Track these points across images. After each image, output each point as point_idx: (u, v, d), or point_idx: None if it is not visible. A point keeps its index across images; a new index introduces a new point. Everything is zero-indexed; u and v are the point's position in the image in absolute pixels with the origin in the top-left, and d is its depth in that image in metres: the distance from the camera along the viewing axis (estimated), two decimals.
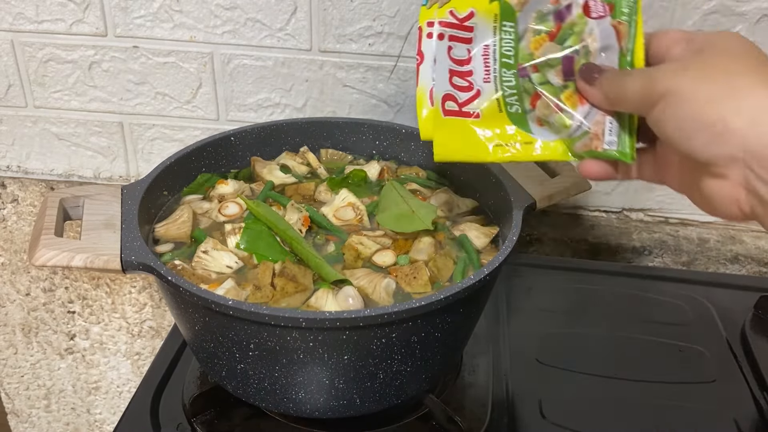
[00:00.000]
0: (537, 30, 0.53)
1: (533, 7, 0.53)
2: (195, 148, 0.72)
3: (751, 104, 0.39)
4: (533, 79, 0.53)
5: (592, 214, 0.93)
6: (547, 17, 0.53)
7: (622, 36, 0.49)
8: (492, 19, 0.54)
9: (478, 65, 0.54)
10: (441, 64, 0.55)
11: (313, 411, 0.60)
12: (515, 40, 0.54)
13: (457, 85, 0.55)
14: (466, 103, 0.55)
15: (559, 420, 0.66)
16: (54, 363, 1.18)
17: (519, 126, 0.54)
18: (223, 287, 0.58)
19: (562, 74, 0.51)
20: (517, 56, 0.53)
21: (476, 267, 0.62)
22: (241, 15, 0.85)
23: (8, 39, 0.90)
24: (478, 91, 0.55)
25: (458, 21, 0.55)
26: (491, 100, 0.54)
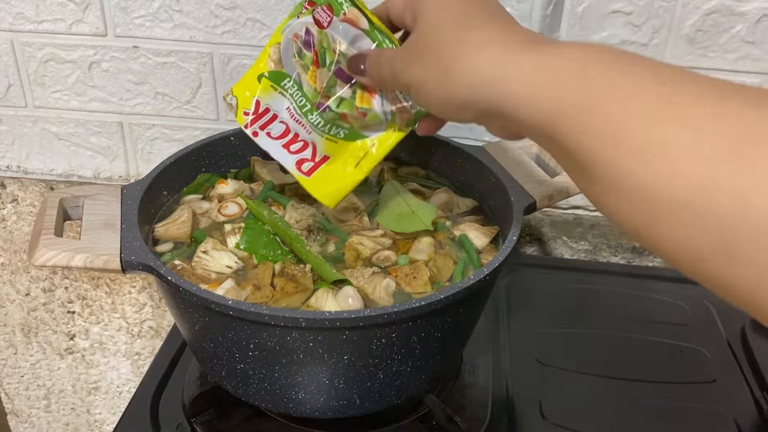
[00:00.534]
0: (304, 67, 0.59)
1: (288, 56, 0.60)
2: (195, 148, 0.72)
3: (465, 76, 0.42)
4: (331, 106, 0.58)
5: (592, 214, 0.93)
6: (302, 53, 0.59)
7: (356, 22, 0.54)
8: (273, 90, 0.62)
9: (295, 126, 0.62)
10: (274, 148, 0.62)
11: (313, 411, 0.60)
12: (299, 89, 0.60)
13: (296, 149, 0.62)
14: (313, 156, 0.61)
15: (559, 420, 0.66)
16: (54, 363, 1.18)
17: (356, 140, 0.60)
18: (222, 287, 0.58)
19: (346, 85, 0.57)
20: (309, 100, 0.60)
21: (476, 267, 0.62)
22: (241, 15, 0.85)
23: (8, 39, 0.90)
24: (312, 143, 0.61)
25: (254, 113, 0.62)
26: (323, 142, 0.61)
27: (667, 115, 0.33)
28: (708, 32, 0.79)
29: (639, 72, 0.35)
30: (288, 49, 0.59)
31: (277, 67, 0.60)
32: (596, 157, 0.35)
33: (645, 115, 0.33)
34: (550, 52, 0.39)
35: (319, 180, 0.62)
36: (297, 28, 0.58)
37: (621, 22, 0.79)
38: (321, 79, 0.58)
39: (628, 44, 0.80)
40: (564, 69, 0.38)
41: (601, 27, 0.80)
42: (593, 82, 0.36)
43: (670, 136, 0.32)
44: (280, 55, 0.60)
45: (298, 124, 0.61)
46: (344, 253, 0.63)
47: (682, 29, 0.79)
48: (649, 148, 0.33)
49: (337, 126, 0.60)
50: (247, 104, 0.63)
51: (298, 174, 0.62)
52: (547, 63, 0.39)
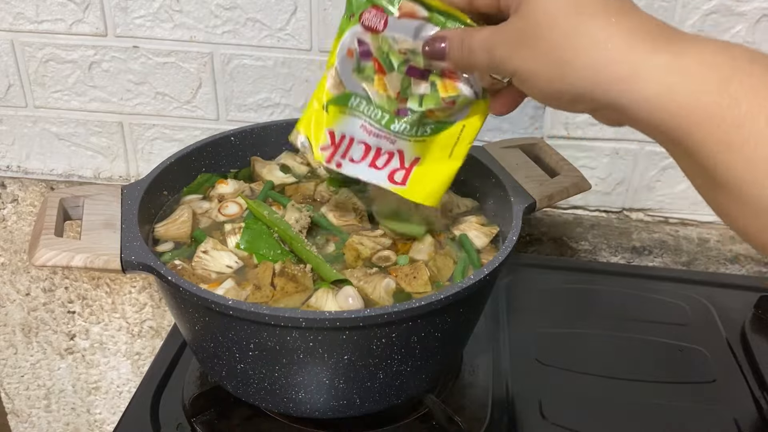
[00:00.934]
0: (368, 78, 0.56)
1: (347, 74, 0.56)
2: (195, 148, 0.72)
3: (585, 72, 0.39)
4: (412, 108, 0.55)
5: (592, 214, 0.93)
6: (361, 66, 0.55)
7: (413, 12, 0.51)
8: (342, 115, 0.58)
9: (375, 142, 0.58)
10: (362, 171, 0.59)
11: (313, 411, 0.60)
12: (369, 102, 0.57)
13: (383, 163, 0.59)
14: (402, 163, 0.59)
15: (559, 420, 0.66)
16: (54, 363, 1.18)
17: (444, 129, 0.57)
18: (222, 287, 0.58)
19: (421, 79, 0.54)
20: (385, 109, 0.56)
21: (476, 267, 0.62)
22: (241, 15, 0.85)
23: (8, 39, 0.90)
24: (398, 151, 0.58)
25: (331, 145, 0.58)
26: (411, 146, 0.58)
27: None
28: (708, 32, 0.79)
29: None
30: (346, 68, 0.56)
31: (339, 90, 0.57)
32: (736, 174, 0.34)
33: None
34: (687, 52, 0.36)
35: (416, 184, 0.59)
36: (349, 43, 0.54)
37: None
38: (393, 85, 0.55)
39: None
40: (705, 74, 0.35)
41: None
42: (740, 94, 0.34)
43: None
44: (339, 78, 0.56)
45: (379, 138, 0.58)
46: (344, 253, 0.63)
47: (682, 29, 0.79)
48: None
49: (423, 125, 0.56)
50: (321, 139, 0.58)
51: (393, 186, 0.59)
52: (684, 64, 0.36)
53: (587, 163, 0.89)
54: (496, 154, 0.71)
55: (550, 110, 0.86)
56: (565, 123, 0.87)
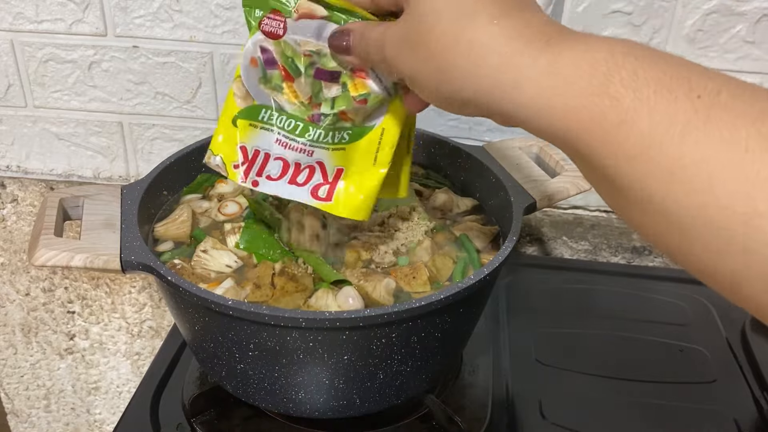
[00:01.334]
0: (276, 88, 0.54)
1: (254, 85, 0.54)
2: (195, 148, 0.72)
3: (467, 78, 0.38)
4: (325, 111, 0.53)
5: (592, 214, 0.93)
6: (268, 76, 0.53)
7: (311, 12, 0.50)
8: (254, 129, 0.55)
9: (293, 156, 0.55)
10: (282, 188, 0.56)
11: (313, 411, 0.60)
12: (282, 114, 0.54)
13: (304, 179, 0.56)
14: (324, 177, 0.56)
15: (559, 420, 0.66)
16: (54, 363, 1.18)
17: (363, 135, 0.54)
18: (222, 287, 0.58)
19: (331, 82, 0.52)
20: (299, 118, 0.54)
21: (476, 267, 0.62)
22: (240, 15, 0.85)
23: (8, 39, 0.90)
24: (318, 164, 0.55)
25: (244, 162, 0.56)
26: (332, 156, 0.55)
27: (704, 133, 0.30)
28: (708, 32, 0.79)
29: (671, 82, 0.32)
30: (251, 78, 0.53)
31: (247, 102, 0.54)
32: (623, 172, 0.33)
33: (680, 133, 0.30)
34: (564, 53, 0.35)
35: (342, 198, 0.56)
36: (252, 52, 0.52)
37: (621, 21, 0.80)
38: (303, 90, 0.53)
39: None
40: (584, 74, 0.34)
41: (602, 27, 0.80)
42: (619, 92, 0.32)
43: (708, 156, 0.29)
44: (245, 90, 0.54)
45: (296, 151, 0.55)
46: (344, 254, 0.63)
47: (682, 29, 0.79)
48: (685, 168, 0.30)
49: (339, 130, 0.54)
50: (233, 156, 0.55)
51: (318, 203, 0.56)
52: (564, 66, 0.35)
53: None
54: (496, 154, 0.71)
55: None
56: None
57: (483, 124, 0.86)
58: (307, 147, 0.55)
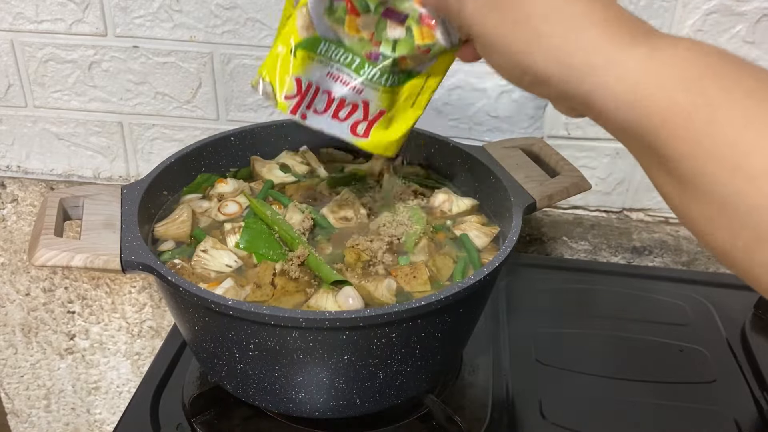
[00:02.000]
0: (339, 20, 0.52)
1: (319, 15, 0.52)
2: (195, 148, 0.72)
3: (557, 50, 0.37)
4: (384, 53, 0.52)
5: (592, 214, 0.93)
6: (333, 6, 0.52)
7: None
8: (310, 61, 0.53)
9: (339, 91, 0.55)
10: (325, 123, 0.56)
11: (313, 411, 0.60)
12: (339, 46, 0.53)
13: (345, 114, 0.56)
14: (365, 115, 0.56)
15: (559, 420, 0.66)
16: (54, 363, 1.18)
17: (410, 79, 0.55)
18: (222, 286, 0.58)
19: (397, 23, 0.51)
20: (356, 53, 0.53)
21: (477, 266, 0.62)
22: (241, 15, 0.85)
23: (8, 39, 0.90)
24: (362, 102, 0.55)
25: (298, 94, 0.54)
26: (379, 96, 0.54)
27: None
28: (708, 32, 0.79)
29: (760, 89, 0.32)
30: (318, 7, 0.52)
31: (309, 32, 0.52)
32: (704, 173, 0.33)
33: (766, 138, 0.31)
34: (659, 48, 0.35)
35: (377, 135, 0.56)
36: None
37: None
38: (367, 26, 0.51)
39: None
40: (675, 71, 0.34)
41: None
42: (709, 92, 0.33)
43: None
44: (310, 18, 0.52)
45: (345, 85, 0.54)
46: (345, 254, 0.63)
47: (682, 29, 0.79)
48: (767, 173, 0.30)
49: (393, 74, 0.53)
50: (286, 86, 0.53)
51: (354, 139, 0.56)
52: (657, 61, 0.35)
53: (587, 163, 0.89)
54: (496, 154, 0.71)
55: (550, 110, 0.86)
56: (565, 123, 0.87)
57: (483, 125, 0.86)
58: (358, 85, 0.54)
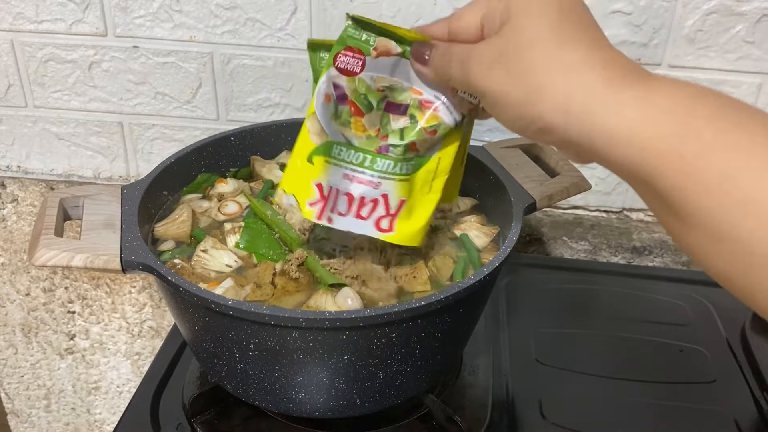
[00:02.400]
0: (345, 123, 0.55)
1: (327, 121, 0.55)
2: (195, 148, 0.72)
3: (559, 98, 0.39)
4: (394, 143, 0.54)
5: (592, 214, 0.93)
6: (338, 111, 0.55)
7: (388, 50, 0.52)
8: (327, 165, 0.55)
9: (358, 190, 0.56)
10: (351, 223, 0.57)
11: (313, 411, 0.60)
12: (349, 148, 0.55)
13: (367, 213, 0.57)
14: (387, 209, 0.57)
15: (559, 420, 0.66)
16: (54, 363, 1.18)
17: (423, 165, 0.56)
18: (222, 286, 0.58)
19: (399, 114, 0.54)
20: (367, 151, 0.55)
21: (477, 266, 0.62)
22: (241, 15, 0.85)
23: (8, 39, 0.90)
24: (382, 196, 0.56)
25: (321, 199, 0.56)
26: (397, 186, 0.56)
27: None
28: (708, 32, 0.79)
29: (747, 122, 0.34)
30: (326, 115, 0.54)
31: (322, 138, 0.55)
32: (697, 204, 0.34)
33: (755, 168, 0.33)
34: (654, 90, 0.37)
35: (402, 227, 0.57)
36: (325, 89, 0.54)
37: (621, 22, 0.79)
38: (372, 124, 0.54)
39: (628, 44, 0.80)
40: (669, 111, 0.36)
41: (602, 27, 0.80)
42: (701, 128, 0.34)
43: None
44: (320, 126, 0.55)
45: (362, 183, 0.56)
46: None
47: (682, 29, 0.79)
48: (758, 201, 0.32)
49: (407, 161, 0.55)
50: (307, 194, 0.56)
51: (381, 234, 0.57)
52: (652, 102, 0.36)
53: None
54: (496, 154, 0.71)
55: None
56: None
57: (483, 125, 0.86)
58: (375, 179, 0.56)
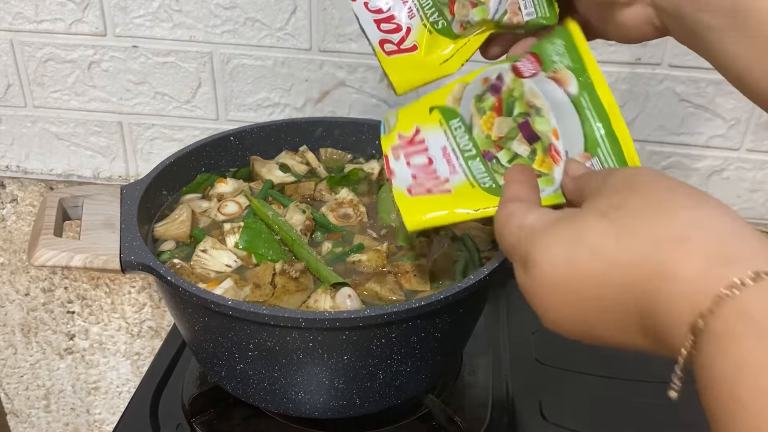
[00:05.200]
0: (481, 110, 0.54)
1: (468, 96, 0.54)
2: (194, 148, 0.72)
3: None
4: (500, 159, 0.52)
5: None
6: (484, 97, 0.54)
7: (564, 82, 0.49)
8: (438, 125, 0.55)
9: (441, 166, 0.54)
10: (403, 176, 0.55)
11: (312, 411, 0.60)
12: (468, 131, 0.54)
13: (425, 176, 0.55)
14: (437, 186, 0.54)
15: (559, 420, 0.66)
16: (53, 363, 1.18)
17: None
18: (222, 286, 0.58)
19: (528, 140, 0.52)
20: (476, 145, 0.53)
21: (477, 266, 0.62)
22: (240, 14, 0.85)
23: (7, 39, 0.90)
24: (447, 179, 0.54)
25: (407, 142, 0.55)
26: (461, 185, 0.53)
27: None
28: None
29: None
30: (471, 91, 0.54)
31: (455, 105, 0.55)
32: None
33: None
34: None
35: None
36: (489, 72, 0.53)
37: None
38: (499, 128, 0.53)
39: None
40: None
41: None
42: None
43: None
44: (462, 94, 0.55)
45: (446, 161, 0.54)
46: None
47: None
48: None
49: (493, 179, 0.53)
50: (407, 128, 0.56)
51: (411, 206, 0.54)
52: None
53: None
54: None
55: None
56: None
57: None
58: (458, 168, 0.54)
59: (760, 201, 0.90)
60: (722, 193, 0.89)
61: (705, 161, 0.87)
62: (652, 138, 0.87)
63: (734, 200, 0.89)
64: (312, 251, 0.62)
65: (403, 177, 0.54)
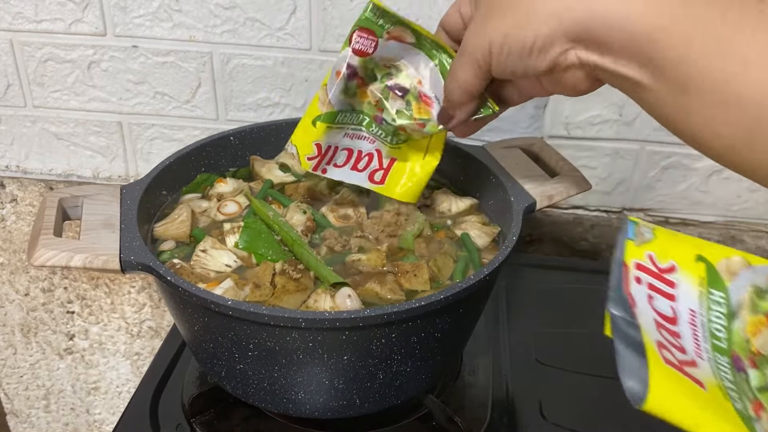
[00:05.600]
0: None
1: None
2: (194, 148, 0.72)
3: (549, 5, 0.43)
4: (751, 379, 0.39)
5: (592, 214, 0.93)
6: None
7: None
8: (697, 282, 0.42)
9: (685, 331, 0.42)
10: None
11: (312, 411, 0.60)
12: (727, 317, 0.41)
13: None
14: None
15: (559, 420, 0.66)
16: (53, 363, 1.18)
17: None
18: (221, 286, 0.58)
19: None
20: (730, 340, 0.40)
21: (477, 266, 0.62)
22: (240, 14, 0.85)
23: (7, 38, 0.90)
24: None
25: (658, 270, 0.45)
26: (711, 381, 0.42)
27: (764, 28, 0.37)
28: None
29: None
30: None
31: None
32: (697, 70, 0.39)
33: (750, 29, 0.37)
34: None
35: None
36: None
37: None
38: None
39: None
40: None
41: None
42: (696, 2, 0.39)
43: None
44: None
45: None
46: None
47: None
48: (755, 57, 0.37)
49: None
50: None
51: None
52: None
53: (587, 163, 0.89)
54: (496, 154, 0.71)
55: (551, 110, 0.86)
56: (565, 123, 0.87)
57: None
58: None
59: (760, 201, 0.90)
60: (722, 193, 0.89)
61: (705, 161, 0.87)
62: (652, 138, 0.87)
63: (734, 200, 0.90)
64: (312, 251, 0.62)
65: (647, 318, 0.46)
